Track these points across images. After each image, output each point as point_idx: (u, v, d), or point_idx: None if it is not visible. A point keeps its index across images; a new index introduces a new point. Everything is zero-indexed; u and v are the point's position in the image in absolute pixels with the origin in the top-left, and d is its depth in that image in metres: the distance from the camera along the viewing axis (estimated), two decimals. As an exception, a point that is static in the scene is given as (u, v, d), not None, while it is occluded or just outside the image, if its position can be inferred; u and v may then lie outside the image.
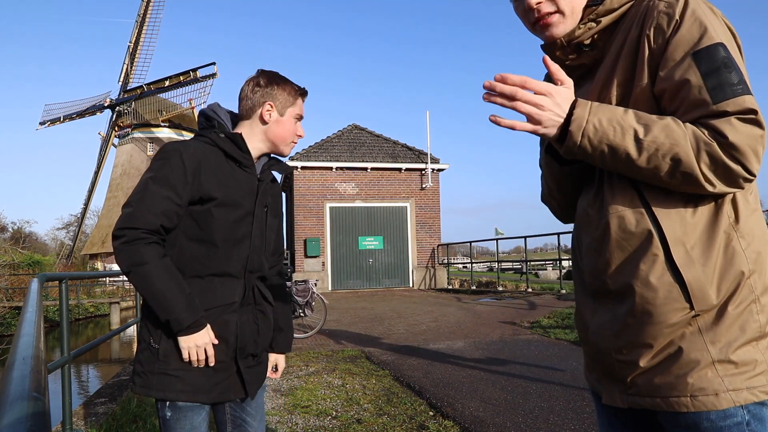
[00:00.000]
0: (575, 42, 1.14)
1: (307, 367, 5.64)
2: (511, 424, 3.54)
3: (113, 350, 17.84)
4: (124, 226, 1.49)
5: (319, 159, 17.78)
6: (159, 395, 1.55)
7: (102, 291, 28.13)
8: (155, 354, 1.55)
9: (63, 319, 3.42)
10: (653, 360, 1.03)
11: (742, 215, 1.03)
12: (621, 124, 1.00)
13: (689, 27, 1.00)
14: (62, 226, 50.95)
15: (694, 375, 0.99)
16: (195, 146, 1.59)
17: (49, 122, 38.07)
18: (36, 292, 2.34)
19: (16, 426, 0.63)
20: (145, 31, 37.18)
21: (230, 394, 1.64)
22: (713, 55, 0.98)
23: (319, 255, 17.46)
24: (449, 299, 12.91)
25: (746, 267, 1.00)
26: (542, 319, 8.21)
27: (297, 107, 1.73)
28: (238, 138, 1.64)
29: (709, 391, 0.98)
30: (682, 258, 1.00)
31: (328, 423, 3.73)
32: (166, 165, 1.54)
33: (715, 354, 0.98)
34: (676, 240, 1.01)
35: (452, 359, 5.74)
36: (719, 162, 0.96)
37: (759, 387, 0.97)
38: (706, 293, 0.99)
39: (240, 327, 1.62)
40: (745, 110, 0.95)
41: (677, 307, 1.00)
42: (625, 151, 0.99)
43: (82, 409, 4.09)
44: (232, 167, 1.63)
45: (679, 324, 1.01)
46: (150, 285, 1.48)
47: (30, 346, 1.08)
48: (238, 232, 1.62)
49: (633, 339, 1.05)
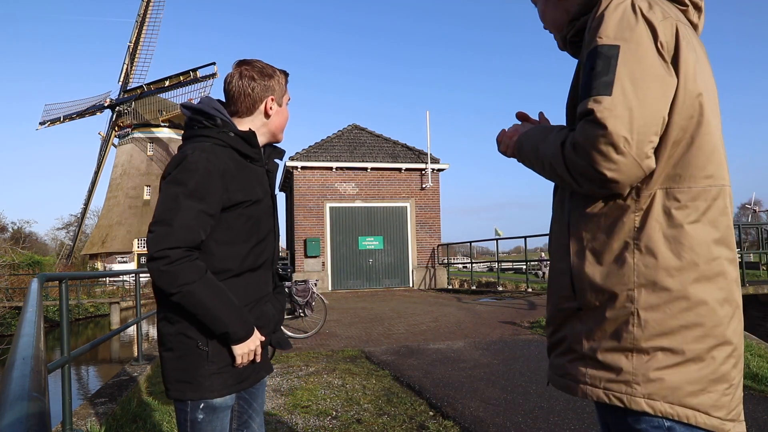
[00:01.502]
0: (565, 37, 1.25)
1: (307, 367, 5.64)
2: (511, 424, 3.54)
3: (113, 350, 17.84)
4: (165, 246, 1.41)
5: (319, 159, 17.78)
6: (213, 395, 1.53)
7: (102, 291, 28.14)
8: (203, 357, 1.52)
9: (63, 319, 3.42)
10: (552, 339, 1.18)
11: (649, 229, 1.02)
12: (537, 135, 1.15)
13: (592, 31, 1.05)
14: (62, 226, 51.00)
15: (570, 361, 1.10)
16: (214, 151, 1.53)
17: (49, 122, 38.09)
18: (36, 292, 2.34)
19: (16, 426, 0.63)
20: (145, 31, 37.20)
21: (263, 373, 1.72)
22: (592, 56, 1.02)
23: (319, 255, 17.46)
24: (449, 299, 12.91)
25: (632, 279, 1.01)
26: (542, 319, 8.21)
27: (287, 95, 1.75)
28: (252, 136, 1.62)
29: (572, 377, 1.09)
30: (576, 252, 1.09)
31: (328, 423, 3.73)
32: (194, 176, 1.47)
33: (586, 349, 1.07)
34: (576, 235, 1.10)
35: (452, 359, 5.74)
36: (574, 162, 1.02)
37: (615, 392, 1.03)
38: (585, 290, 1.06)
39: (274, 312, 1.72)
40: (585, 112, 1.00)
41: (565, 294, 1.11)
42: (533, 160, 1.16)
43: (82, 409, 4.09)
44: (246, 165, 1.63)
45: (567, 311, 1.11)
46: (200, 303, 1.46)
47: (30, 346, 1.08)
48: (264, 227, 1.66)
49: (549, 318, 1.20)
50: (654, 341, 1.00)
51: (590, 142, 0.97)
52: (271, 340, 1.74)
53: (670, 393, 0.99)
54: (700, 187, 1.02)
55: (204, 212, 1.47)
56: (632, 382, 1.01)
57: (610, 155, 0.96)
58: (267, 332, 1.68)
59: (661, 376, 0.99)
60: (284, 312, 1.83)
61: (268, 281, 1.71)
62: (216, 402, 1.55)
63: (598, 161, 0.97)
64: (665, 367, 0.99)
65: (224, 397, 1.56)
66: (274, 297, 1.76)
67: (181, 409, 1.55)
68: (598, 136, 0.96)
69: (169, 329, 1.53)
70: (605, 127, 0.95)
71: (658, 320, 1.00)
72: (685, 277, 1.00)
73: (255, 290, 1.64)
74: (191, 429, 1.54)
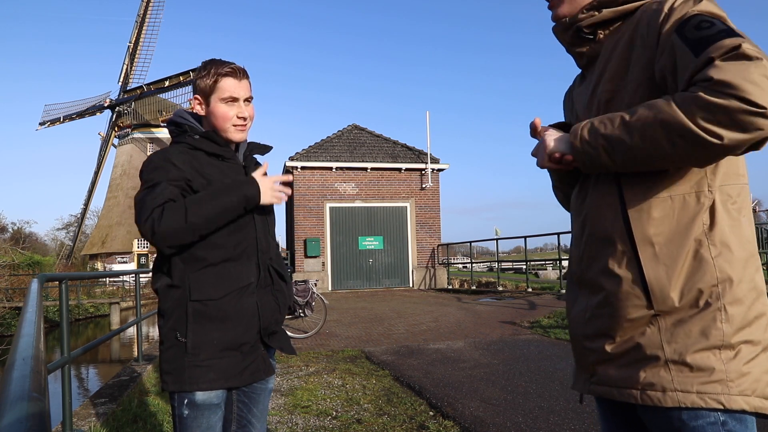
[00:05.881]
0: (577, 25, 1.19)
1: (307, 367, 5.64)
2: (511, 424, 3.54)
3: (113, 350, 17.84)
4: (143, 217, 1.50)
5: (319, 159, 17.78)
6: (192, 388, 1.55)
7: (102, 291, 28.13)
8: (183, 348, 1.56)
9: (63, 319, 3.42)
10: (613, 351, 1.08)
11: (719, 225, 1.02)
12: (609, 118, 1.03)
13: (676, 14, 1.02)
14: (62, 227, 50.99)
15: (648, 370, 1.02)
16: (179, 149, 1.64)
17: (49, 122, 38.10)
18: (36, 293, 2.34)
19: (16, 426, 0.63)
20: (144, 32, 37.21)
21: (260, 374, 1.69)
22: (692, 21, 0.98)
23: (319, 255, 17.46)
24: (449, 299, 12.91)
25: (714, 275, 1.00)
26: (542, 319, 8.21)
27: (221, 90, 1.66)
28: (212, 134, 1.67)
29: (658, 387, 1.01)
30: (648, 258, 1.03)
31: (328, 423, 3.73)
32: (157, 171, 1.58)
33: (669, 354, 1.01)
34: (644, 239, 1.04)
35: (452, 359, 5.74)
36: (712, 105, 0.88)
37: (710, 394, 0.98)
38: (666, 294, 1.02)
39: (263, 308, 1.66)
40: (728, 49, 0.90)
41: (637, 303, 1.04)
42: (618, 137, 1.00)
43: (82, 409, 4.09)
44: (216, 164, 1.67)
45: (639, 320, 1.05)
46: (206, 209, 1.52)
47: (30, 346, 1.08)
48: (239, 219, 1.65)
49: (598, 329, 1.10)
50: (739, 335, 0.99)
51: (742, 73, 0.87)
52: (270, 342, 1.71)
53: (759, 386, 0.98)
54: (740, 184, 1.06)
55: (168, 185, 1.55)
56: (726, 380, 0.98)
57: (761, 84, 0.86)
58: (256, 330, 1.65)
59: (748, 369, 0.99)
60: (284, 310, 1.78)
61: (250, 272, 1.67)
62: (198, 398, 1.56)
63: (750, 90, 0.85)
64: (749, 360, 0.99)
65: (206, 392, 1.56)
66: (269, 293, 1.71)
67: (171, 404, 1.62)
68: (751, 66, 0.87)
69: (161, 323, 1.62)
70: (756, 56, 0.88)
71: (741, 313, 1.00)
72: (751, 268, 1.03)
73: (235, 279, 1.62)
74: (179, 425, 1.60)
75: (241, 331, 1.61)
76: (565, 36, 1.24)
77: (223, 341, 1.58)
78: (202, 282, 1.58)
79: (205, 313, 1.58)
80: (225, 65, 1.69)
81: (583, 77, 1.29)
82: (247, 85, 1.71)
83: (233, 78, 1.68)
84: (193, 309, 1.57)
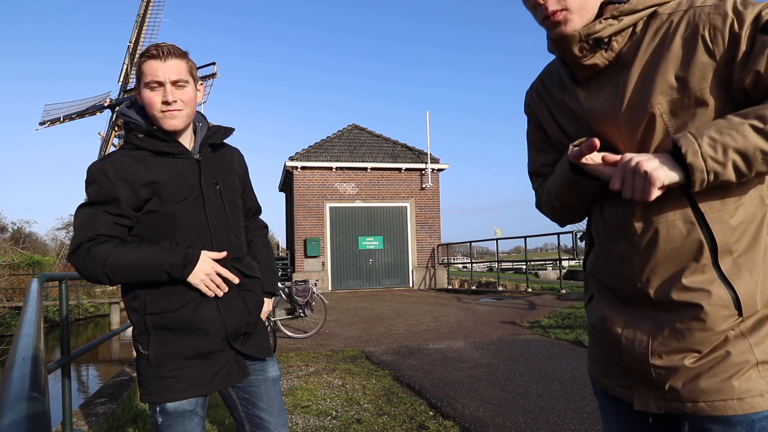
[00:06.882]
0: (594, 37, 1.09)
1: (307, 367, 5.64)
2: (511, 424, 3.54)
3: (113, 350, 17.83)
4: (72, 249, 1.51)
5: (319, 159, 17.78)
6: (160, 399, 1.53)
7: (102, 291, 28.09)
8: (147, 361, 1.55)
9: (63, 319, 3.42)
10: (698, 365, 1.03)
11: None
12: (732, 128, 0.95)
13: (747, 15, 0.98)
14: (62, 226, 50.84)
15: (740, 377, 1.00)
16: (117, 157, 1.55)
17: (49, 122, 38.07)
18: (36, 292, 2.34)
19: (16, 426, 0.63)
20: (144, 32, 37.17)
21: (234, 378, 1.62)
22: None
23: (319, 255, 17.46)
24: (449, 299, 12.91)
25: None
26: (542, 319, 8.21)
27: (144, 75, 1.54)
28: (154, 131, 1.55)
29: (755, 392, 0.99)
30: (730, 267, 1.01)
31: (328, 423, 3.73)
32: (94, 186, 1.53)
33: (759, 355, 1.00)
34: (725, 249, 1.01)
35: (452, 359, 5.74)
36: None
37: None
38: (754, 301, 1.01)
39: (226, 314, 1.58)
40: None
41: (727, 314, 1.01)
42: (756, 148, 0.94)
43: (82, 409, 4.09)
44: (163, 162, 1.57)
45: (727, 330, 1.02)
46: (126, 266, 1.48)
47: (30, 346, 1.08)
48: (191, 223, 1.57)
49: (679, 346, 1.04)
50: None
51: None
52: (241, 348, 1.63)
53: None
54: None
55: (105, 212, 1.51)
56: None
57: None
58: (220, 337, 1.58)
59: None
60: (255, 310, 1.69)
61: None
62: (169, 407, 1.54)
63: None
64: None
65: (176, 402, 1.54)
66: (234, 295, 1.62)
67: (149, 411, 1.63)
68: None
69: (133, 333, 1.61)
70: None
71: None
72: None
73: (191, 290, 1.55)
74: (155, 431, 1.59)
75: (205, 340, 1.55)
76: (573, 49, 1.12)
77: (186, 351, 1.54)
78: (156, 294, 1.54)
79: (164, 325, 1.54)
80: (151, 47, 1.53)
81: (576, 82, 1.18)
82: (175, 66, 1.53)
83: (156, 60, 1.52)
84: (151, 321, 1.53)
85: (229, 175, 1.71)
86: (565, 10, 1.08)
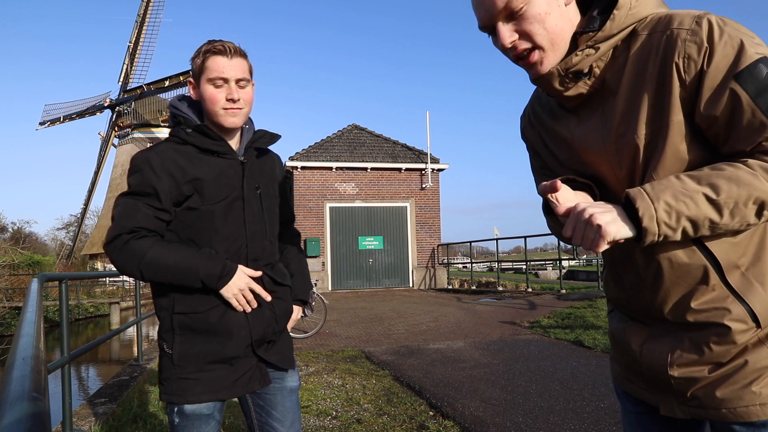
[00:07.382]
0: (573, 71, 1.06)
1: (307, 367, 5.64)
2: (511, 424, 3.54)
3: (113, 350, 17.83)
4: (109, 239, 1.48)
5: (319, 159, 17.78)
6: (179, 400, 1.52)
7: (102, 291, 28.12)
8: (171, 360, 1.53)
9: (63, 319, 3.42)
10: (715, 374, 1.04)
11: None
12: (687, 195, 0.94)
13: (723, 49, 0.94)
14: (62, 226, 50.93)
15: (760, 383, 1.00)
16: (164, 149, 1.53)
17: (49, 122, 38.08)
18: (36, 292, 2.34)
19: (16, 426, 0.63)
20: (144, 31, 37.17)
21: (255, 385, 1.61)
22: (757, 73, 0.92)
23: (319, 255, 17.46)
24: (449, 299, 12.91)
25: None
26: (542, 319, 8.22)
27: (208, 70, 1.51)
28: (204, 128, 1.54)
29: None
30: (740, 282, 1.01)
31: (328, 423, 3.73)
32: (137, 176, 1.51)
33: None
34: (730, 266, 1.01)
35: (452, 359, 5.74)
36: None
37: None
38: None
39: (253, 320, 1.56)
40: None
41: (746, 328, 1.01)
42: (705, 218, 0.95)
43: (82, 409, 4.09)
44: (208, 160, 1.55)
45: (747, 342, 1.02)
46: (163, 266, 1.46)
47: (30, 346, 1.08)
48: (229, 224, 1.56)
49: (699, 360, 1.05)
50: None
51: None
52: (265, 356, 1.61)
53: None
54: None
55: (147, 205, 1.49)
56: None
57: None
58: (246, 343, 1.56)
59: None
60: (283, 318, 1.67)
61: None
62: (187, 409, 1.53)
63: None
64: None
65: (195, 405, 1.53)
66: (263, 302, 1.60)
67: (167, 410, 1.60)
68: None
69: (159, 330, 1.59)
70: None
71: None
72: None
73: None
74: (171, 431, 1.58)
75: (230, 345, 1.53)
76: (554, 85, 1.08)
77: (209, 355, 1.52)
78: (187, 294, 1.52)
79: (190, 326, 1.52)
80: (216, 43, 1.52)
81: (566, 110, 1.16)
82: (240, 65, 1.54)
83: (223, 56, 1.51)
84: (178, 321, 1.52)
85: (270, 181, 1.70)
86: (537, 48, 1.05)
